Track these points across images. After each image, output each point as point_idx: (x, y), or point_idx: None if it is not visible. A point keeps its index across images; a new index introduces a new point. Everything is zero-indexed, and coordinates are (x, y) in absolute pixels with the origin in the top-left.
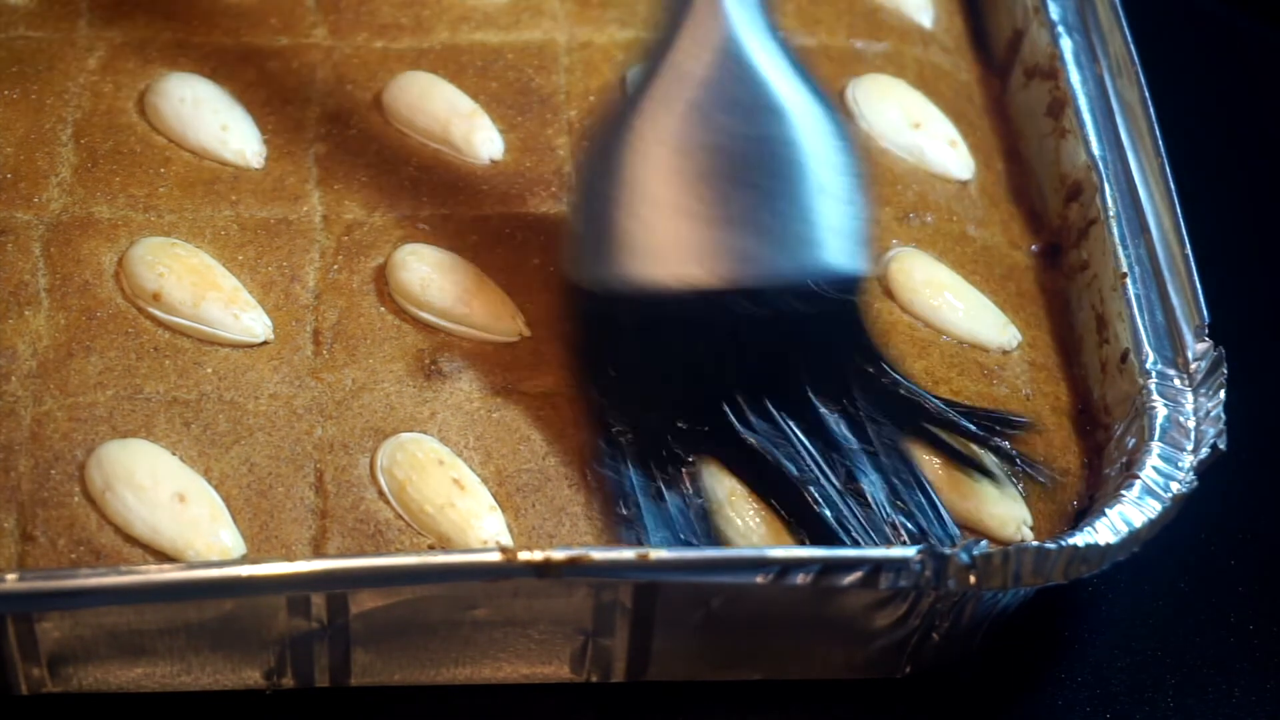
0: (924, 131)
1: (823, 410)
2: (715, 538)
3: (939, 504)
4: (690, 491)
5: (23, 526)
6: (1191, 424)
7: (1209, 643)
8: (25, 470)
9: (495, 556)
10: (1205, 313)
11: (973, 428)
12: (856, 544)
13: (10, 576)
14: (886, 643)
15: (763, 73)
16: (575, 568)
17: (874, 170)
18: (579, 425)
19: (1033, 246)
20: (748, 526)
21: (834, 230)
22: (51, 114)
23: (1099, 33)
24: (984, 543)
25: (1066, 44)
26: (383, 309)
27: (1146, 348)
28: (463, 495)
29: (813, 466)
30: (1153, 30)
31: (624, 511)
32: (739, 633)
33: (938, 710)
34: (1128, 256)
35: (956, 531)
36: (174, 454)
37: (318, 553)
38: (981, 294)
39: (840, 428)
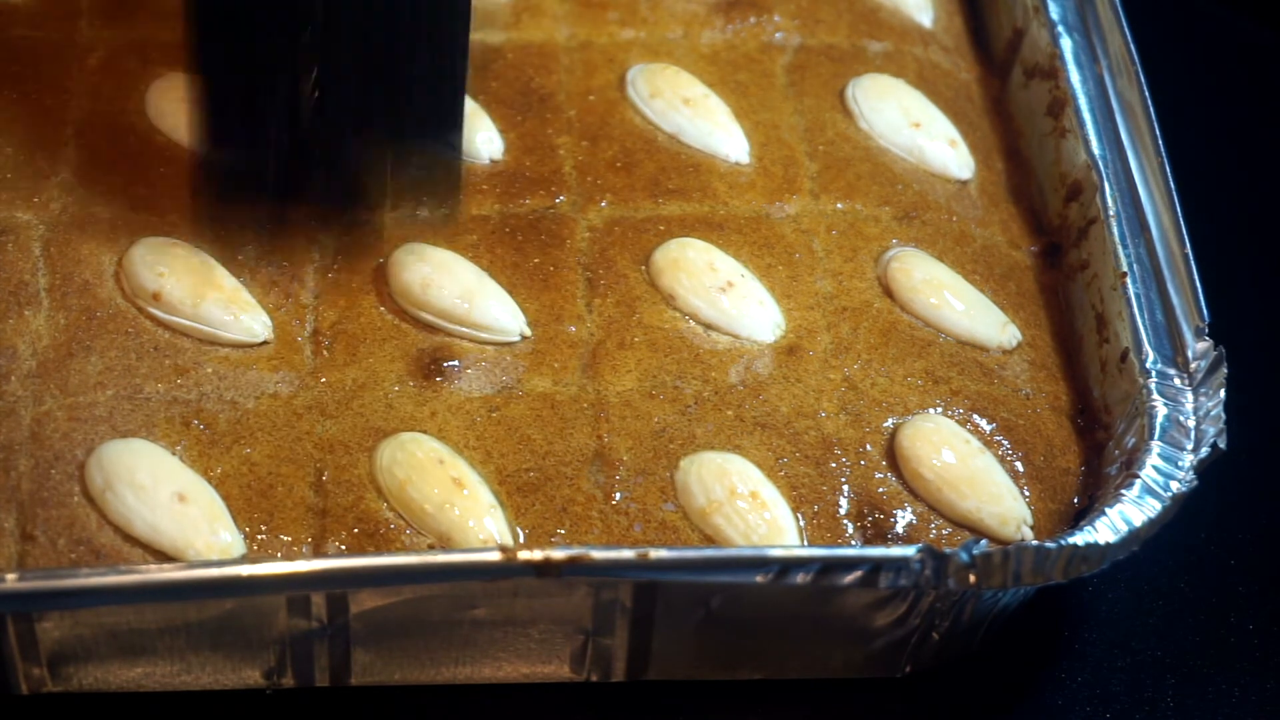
0: (924, 131)
1: None
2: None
3: None
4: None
5: (23, 526)
6: (1191, 423)
7: (1209, 643)
8: (25, 470)
9: (495, 556)
10: (1205, 312)
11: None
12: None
13: (10, 576)
14: (886, 642)
15: None
16: (575, 567)
17: (874, 170)
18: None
19: (1032, 246)
20: (748, 525)
21: None
22: (52, 114)
23: (1099, 32)
24: (984, 542)
25: (1066, 43)
26: (383, 309)
27: (1146, 347)
28: (462, 495)
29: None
30: (1153, 30)
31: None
32: (739, 632)
33: (938, 710)
34: (1127, 256)
35: None
36: (174, 454)
37: (318, 553)
38: (981, 293)
39: None
